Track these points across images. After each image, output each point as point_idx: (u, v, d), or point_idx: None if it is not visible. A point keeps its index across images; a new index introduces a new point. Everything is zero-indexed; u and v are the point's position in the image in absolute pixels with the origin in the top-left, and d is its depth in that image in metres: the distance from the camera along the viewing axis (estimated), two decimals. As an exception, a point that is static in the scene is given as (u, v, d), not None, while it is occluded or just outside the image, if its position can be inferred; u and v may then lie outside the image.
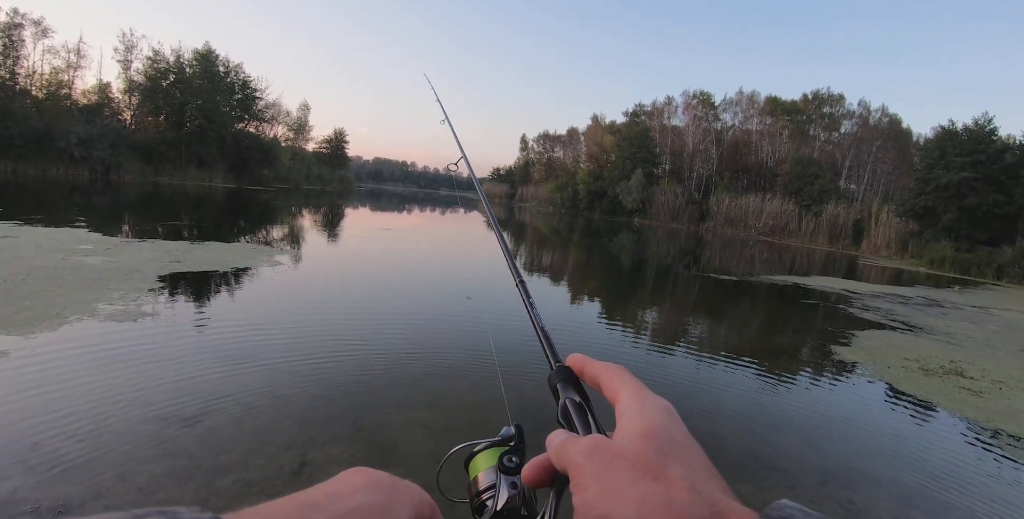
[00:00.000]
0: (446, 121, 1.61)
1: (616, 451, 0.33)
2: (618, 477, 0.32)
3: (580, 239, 24.98)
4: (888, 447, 4.08)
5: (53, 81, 34.09)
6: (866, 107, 47.86)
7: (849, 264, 24.40)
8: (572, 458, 0.35)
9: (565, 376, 0.44)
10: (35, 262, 6.73)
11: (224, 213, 19.30)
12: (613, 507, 0.30)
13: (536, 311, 0.59)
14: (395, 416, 3.62)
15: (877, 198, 39.04)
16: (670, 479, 0.31)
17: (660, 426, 0.35)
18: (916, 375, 6.03)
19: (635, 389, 0.38)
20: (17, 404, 3.21)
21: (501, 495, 0.45)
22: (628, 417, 0.36)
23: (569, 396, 0.43)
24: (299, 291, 7.26)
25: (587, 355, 0.44)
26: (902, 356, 6.86)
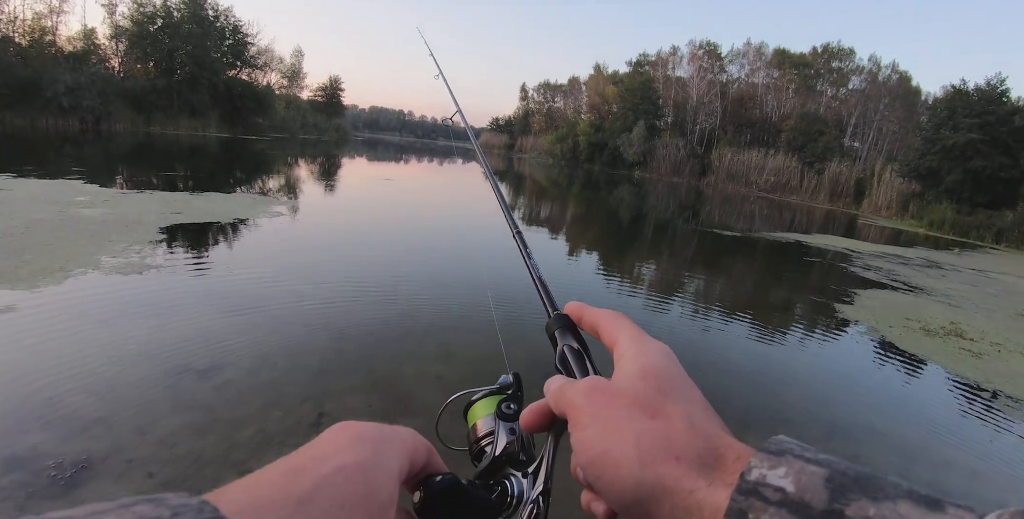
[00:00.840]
0: (440, 76, 1.58)
1: (614, 391, 0.34)
2: (616, 415, 0.32)
3: (580, 192, 24.76)
4: (891, 404, 4.17)
5: (36, 27, 32.53)
6: (876, 63, 46.46)
7: (849, 223, 24.37)
8: (570, 399, 0.35)
9: (563, 323, 0.45)
10: (32, 215, 6.62)
11: (220, 163, 18.95)
12: (612, 444, 0.31)
13: (533, 261, 0.60)
14: (408, 367, 3.66)
15: (881, 157, 38.53)
16: (669, 416, 0.31)
17: (658, 366, 0.35)
18: (917, 335, 6.10)
19: (634, 333, 0.39)
20: (29, 360, 3.20)
21: (499, 441, 0.45)
22: (627, 359, 0.36)
23: (567, 342, 0.44)
24: (304, 242, 7.22)
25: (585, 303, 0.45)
26: (903, 316, 6.92)
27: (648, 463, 0.29)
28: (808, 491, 0.24)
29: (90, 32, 35.73)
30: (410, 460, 0.34)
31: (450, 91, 1.43)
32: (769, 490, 0.25)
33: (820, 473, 0.25)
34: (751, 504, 0.25)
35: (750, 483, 0.25)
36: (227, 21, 42.60)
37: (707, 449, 0.29)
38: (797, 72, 48.09)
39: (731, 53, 51.86)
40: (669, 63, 53.92)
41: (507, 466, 0.44)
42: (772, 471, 0.25)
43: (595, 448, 0.31)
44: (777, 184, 40.47)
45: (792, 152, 41.02)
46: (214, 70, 38.86)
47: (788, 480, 0.25)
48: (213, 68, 38.79)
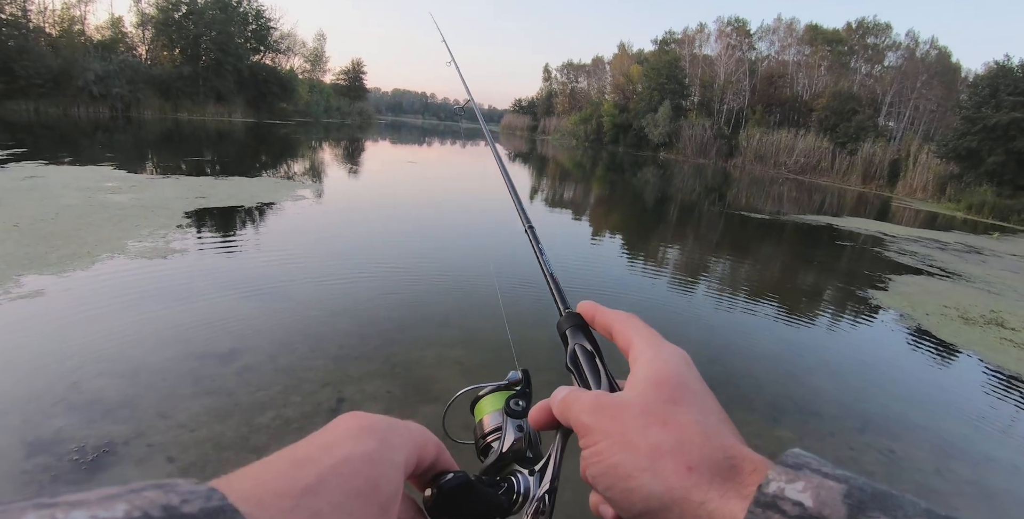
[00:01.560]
0: (452, 63, 1.54)
1: (620, 404, 0.33)
2: (626, 426, 0.32)
3: (603, 173, 24.43)
4: (928, 396, 4.01)
5: (65, 17, 33.09)
6: (914, 38, 44.48)
7: (882, 206, 23.60)
8: (576, 417, 0.35)
9: (575, 322, 0.44)
10: (63, 201, 6.75)
11: (245, 148, 19.14)
12: (623, 456, 0.30)
13: (546, 257, 0.58)
14: (428, 352, 3.63)
15: (917, 137, 37.07)
16: (682, 425, 0.31)
17: (673, 373, 0.34)
18: (955, 324, 5.86)
19: (649, 337, 0.38)
20: (55, 344, 3.25)
21: (507, 437, 0.45)
22: (640, 365, 0.36)
23: (579, 342, 0.43)
24: (327, 226, 7.25)
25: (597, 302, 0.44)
26: (940, 303, 6.66)
27: (659, 473, 0.29)
28: (827, 506, 0.24)
29: (117, 21, 36.23)
30: (418, 454, 0.34)
31: (463, 79, 1.39)
32: (787, 504, 0.24)
33: (838, 489, 0.24)
34: (769, 517, 0.24)
35: (768, 496, 0.25)
36: (250, 6, 42.75)
37: (721, 459, 0.29)
38: (830, 49, 46.34)
39: (760, 29, 50.28)
40: (696, 41, 52.50)
41: (514, 463, 0.44)
42: (790, 485, 0.25)
43: (606, 461, 0.31)
44: (807, 165, 39.36)
45: (823, 132, 39.76)
46: (238, 55, 39.11)
47: (807, 495, 0.24)
48: (237, 53, 39.04)
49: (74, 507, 0.17)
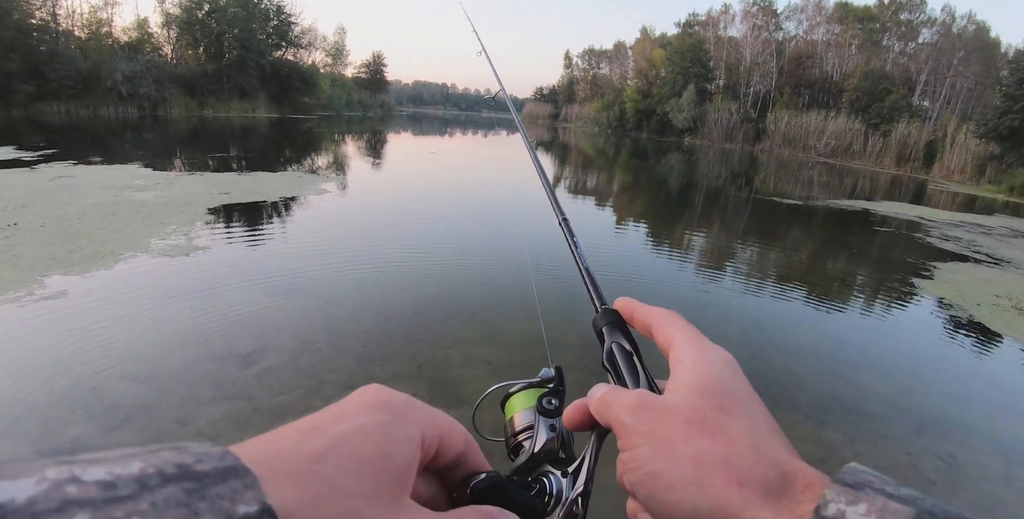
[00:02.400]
0: (483, 53, 1.49)
1: (665, 407, 0.32)
2: (670, 434, 0.30)
3: (627, 160, 24.02)
4: (986, 394, 3.75)
5: (92, 20, 33.75)
6: (950, 13, 42.46)
7: (918, 189, 22.76)
8: (616, 415, 0.33)
9: (611, 319, 0.43)
10: (89, 200, 6.79)
11: (269, 143, 19.27)
12: (665, 465, 0.29)
13: (580, 251, 0.56)
14: (455, 351, 3.51)
15: (954, 117, 35.55)
16: (731, 437, 0.29)
17: (719, 379, 0.33)
18: (1009, 314, 5.52)
19: (692, 337, 0.36)
20: (77, 346, 3.21)
21: (539, 437, 0.43)
22: (684, 367, 0.34)
23: (616, 340, 0.42)
24: (349, 221, 7.17)
25: (637, 299, 0.42)
26: (991, 292, 6.30)
27: (707, 488, 0.27)
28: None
29: (143, 22, 36.81)
30: (440, 439, 0.32)
31: (493, 69, 1.33)
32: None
33: (906, 512, 0.22)
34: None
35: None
36: (270, 3, 43.05)
37: (773, 475, 0.27)
38: (861, 27, 44.64)
39: (788, 9, 48.97)
40: (720, 22, 51.12)
41: (546, 464, 0.42)
42: (851, 507, 0.23)
43: (646, 468, 0.29)
44: (838, 148, 38.18)
45: (855, 113, 38.46)
46: (260, 52, 39.45)
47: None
48: (259, 50, 39.38)
49: (91, 464, 0.18)
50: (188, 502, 0.19)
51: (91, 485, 0.17)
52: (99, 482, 0.17)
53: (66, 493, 0.17)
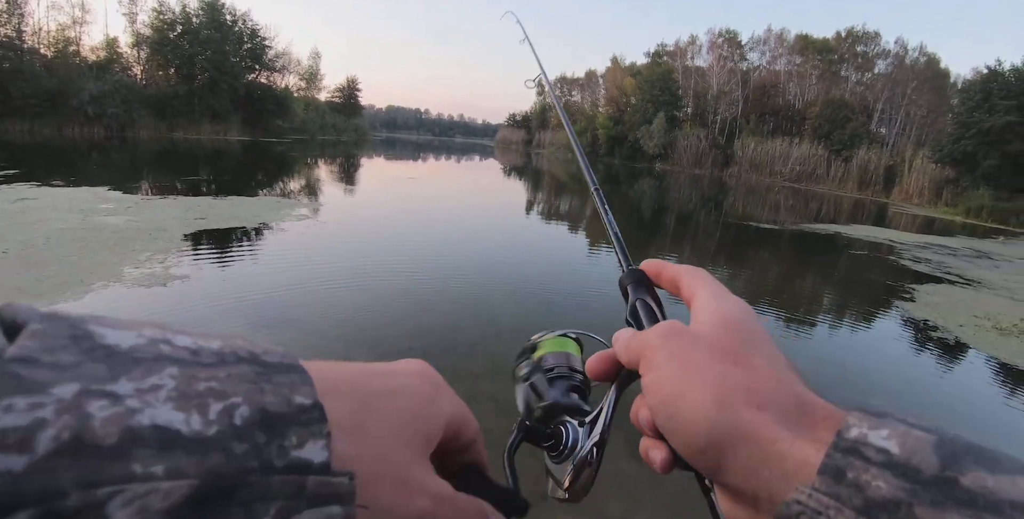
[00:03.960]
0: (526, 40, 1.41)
1: (694, 334, 0.33)
2: (696, 357, 0.31)
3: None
4: (989, 418, 3.78)
5: (60, 38, 33.10)
6: (903, 46, 44.96)
7: (880, 212, 23.60)
8: (646, 339, 0.34)
9: (637, 277, 0.45)
10: (56, 224, 6.48)
11: (243, 166, 18.94)
12: (689, 385, 0.29)
13: (610, 216, 0.60)
14: (459, 388, 3.31)
15: (910, 143, 37.28)
16: (753, 366, 0.30)
17: (739, 318, 0.34)
18: (991, 335, 5.63)
19: (714, 287, 0.37)
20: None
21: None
22: (705, 309, 0.35)
23: (640, 296, 0.43)
24: (332, 248, 6.97)
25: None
26: (970, 313, 6.44)
27: (727, 407, 0.28)
28: (916, 455, 0.22)
29: (112, 41, 36.24)
30: (459, 426, 0.34)
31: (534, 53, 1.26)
32: (871, 450, 0.23)
33: (928, 438, 0.23)
34: (850, 463, 0.23)
35: (849, 441, 0.24)
36: (245, 25, 42.91)
37: (793, 403, 0.28)
38: (821, 58, 46.80)
39: (751, 40, 50.76)
40: (688, 53, 52.95)
41: (564, 413, 0.44)
42: (873, 431, 0.24)
43: (670, 388, 0.30)
44: (803, 173, 39.46)
45: (818, 140, 39.94)
46: (234, 74, 39.12)
47: (892, 442, 0.23)
48: (233, 72, 39.06)
49: (180, 332, 0.21)
50: (256, 381, 0.21)
51: (181, 348, 0.20)
52: (187, 348, 0.20)
53: (160, 349, 0.19)
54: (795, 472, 0.24)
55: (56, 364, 0.16)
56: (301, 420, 0.21)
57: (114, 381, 0.17)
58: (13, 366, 0.16)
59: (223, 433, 0.18)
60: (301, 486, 0.20)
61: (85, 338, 0.18)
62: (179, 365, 0.19)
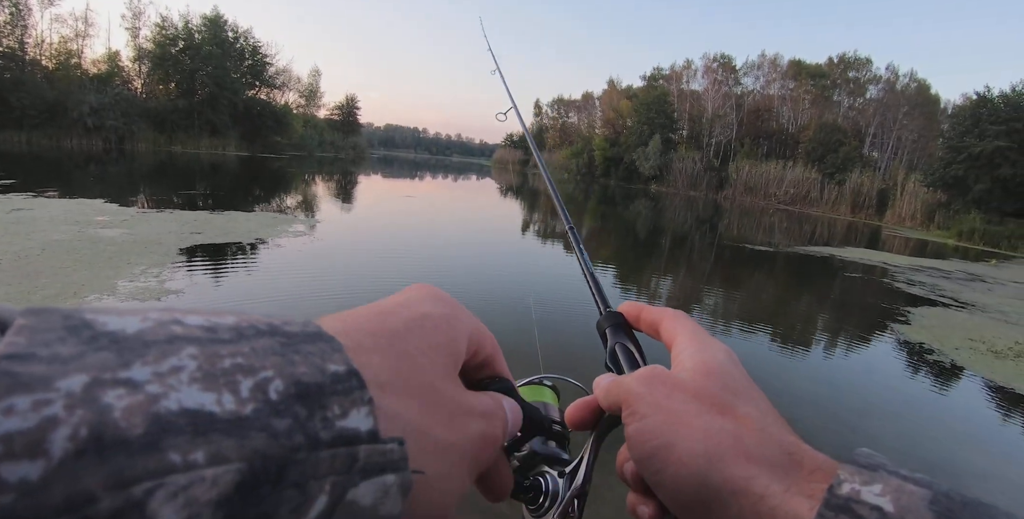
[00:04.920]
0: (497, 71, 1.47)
1: (676, 381, 0.32)
2: (680, 408, 0.30)
3: (596, 206, 24.41)
4: (987, 439, 3.76)
5: (62, 50, 33.48)
6: (894, 72, 45.94)
7: (873, 234, 23.76)
8: (627, 386, 0.33)
9: (616, 321, 0.44)
10: (50, 235, 6.44)
11: (240, 181, 18.97)
12: (675, 437, 0.28)
13: (585, 256, 0.58)
14: None
15: (902, 167, 37.83)
16: (738, 416, 0.29)
17: (721, 365, 0.33)
18: (987, 358, 5.64)
19: (694, 331, 0.37)
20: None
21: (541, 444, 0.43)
22: (686, 356, 0.34)
23: (619, 341, 0.42)
24: (327, 264, 6.94)
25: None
26: (965, 336, 6.46)
27: (716, 461, 0.27)
28: (911, 513, 0.21)
29: (114, 55, 36.64)
30: (477, 342, 0.33)
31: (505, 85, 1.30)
32: (864, 508, 0.22)
33: (922, 494, 0.22)
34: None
35: (841, 498, 0.23)
36: (246, 42, 43.51)
37: (780, 454, 0.27)
38: (813, 83, 47.67)
39: (746, 65, 51.70)
40: (683, 76, 53.79)
41: (543, 463, 0.42)
42: (866, 487, 0.23)
43: (656, 440, 0.29)
44: (797, 196, 39.84)
45: (811, 163, 40.44)
46: (234, 90, 39.52)
47: (886, 499, 0.22)
48: (233, 88, 39.46)
49: (189, 313, 0.19)
50: (283, 353, 0.19)
51: (194, 327, 0.18)
52: (200, 326, 0.19)
53: (172, 330, 0.17)
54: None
55: (55, 357, 0.15)
56: (339, 389, 0.20)
57: (127, 368, 0.15)
58: (3, 364, 0.14)
59: (260, 410, 0.17)
60: (353, 458, 0.19)
61: (83, 327, 0.16)
62: (196, 344, 0.18)
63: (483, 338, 0.34)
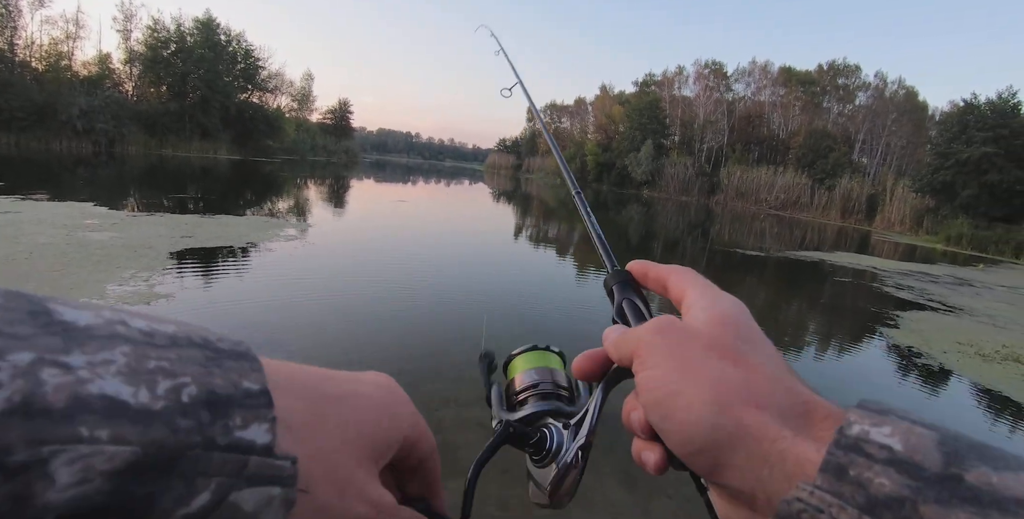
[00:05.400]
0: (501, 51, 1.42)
1: (690, 330, 0.32)
2: (692, 355, 0.30)
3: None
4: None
5: (52, 52, 33.22)
6: (882, 79, 46.53)
7: (863, 239, 23.96)
8: (639, 336, 0.33)
9: (623, 278, 0.44)
10: (39, 239, 6.38)
11: (231, 185, 18.88)
12: (685, 385, 0.28)
13: (592, 219, 0.61)
14: (445, 413, 3.28)
15: (891, 172, 38.28)
16: (749, 365, 0.29)
17: (735, 316, 0.33)
18: (975, 361, 5.69)
19: (704, 285, 0.37)
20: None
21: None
22: (698, 307, 0.34)
23: (626, 296, 0.43)
24: (318, 270, 6.90)
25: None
26: (954, 339, 6.52)
27: (726, 407, 0.27)
28: (919, 452, 0.22)
29: (105, 57, 36.40)
30: (415, 441, 0.33)
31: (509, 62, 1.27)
32: (873, 447, 0.22)
33: (931, 435, 0.22)
34: (852, 460, 0.22)
35: (850, 438, 0.23)
36: (239, 46, 43.42)
37: (791, 403, 0.27)
38: (803, 89, 48.19)
39: (737, 72, 52.15)
40: (675, 83, 54.21)
41: (547, 416, 0.43)
42: (876, 428, 0.23)
43: (666, 387, 0.29)
44: (787, 201, 40.16)
45: (801, 169, 40.80)
46: (226, 93, 39.39)
47: (895, 439, 0.22)
48: (225, 91, 39.33)
49: (137, 316, 0.21)
50: (206, 365, 0.22)
51: (135, 330, 0.20)
52: (141, 330, 0.21)
53: (116, 329, 0.20)
54: (796, 471, 0.24)
55: (14, 335, 0.17)
56: (247, 403, 0.22)
57: (67, 353, 0.18)
58: None
59: (169, 408, 0.19)
60: (242, 464, 0.20)
61: (43, 313, 0.19)
62: (132, 344, 0.20)
63: (420, 439, 0.34)
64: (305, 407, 0.26)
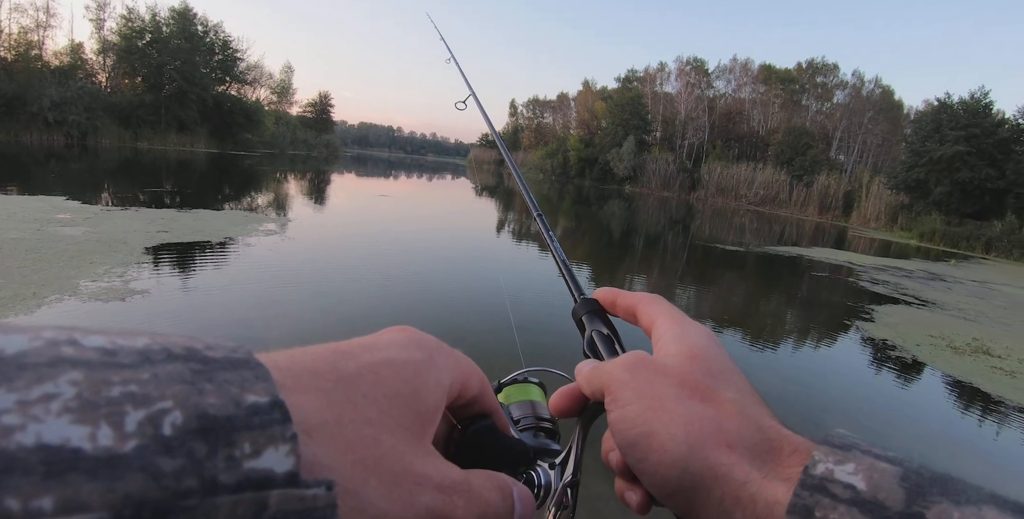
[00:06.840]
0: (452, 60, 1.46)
1: (660, 367, 0.32)
2: (663, 393, 0.30)
3: (570, 206, 24.54)
4: (945, 434, 3.90)
5: (22, 41, 32.15)
6: (860, 77, 47.36)
7: (839, 235, 24.41)
8: (610, 372, 0.32)
9: (591, 307, 0.43)
10: (8, 234, 6.20)
11: (209, 179, 18.54)
12: (657, 424, 0.28)
13: (556, 244, 0.57)
14: None
15: (867, 170, 38.99)
16: (719, 402, 0.29)
17: (703, 349, 0.33)
18: (946, 353, 5.85)
19: (674, 315, 0.37)
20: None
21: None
22: (668, 340, 0.34)
23: (596, 328, 0.42)
24: (301, 264, 6.82)
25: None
26: (926, 333, 6.69)
27: (697, 448, 0.27)
28: (882, 490, 0.22)
29: (77, 47, 35.36)
30: (462, 384, 0.31)
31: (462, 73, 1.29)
32: (838, 487, 0.23)
33: (893, 471, 0.22)
34: (817, 501, 0.22)
35: (815, 478, 0.23)
36: (216, 36, 42.48)
37: (760, 440, 0.27)
38: (783, 87, 48.81)
39: (718, 69, 52.57)
40: (657, 79, 54.46)
41: (535, 457, 0.41)
42: (839, 466, 0.23)
43: (638, 428, 0.29)
44: (767, 197, 40.67)
45: (780, 166, 41.32)
46: (203, 85, 38.54)
47: (858, 477, 0.23)
48: (202, 83, 38.48)
49: (93, 332, 0.17)
50: (193, 381, 0.17)
51: (89, 349, 0.16)
52: (98, 348, 0.16)
53: (61, 352, 0.15)
54: (765, 512, 0.24)
55: None
56: (255, 423, 0.17)
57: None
58: None
59: (145, 448, 0.15)
60: (262, 504, 0.16)
61: None
62: (84, 368, 0.15)
63: (468, 378, 0.31)
64: (325, 403, 0.22)
